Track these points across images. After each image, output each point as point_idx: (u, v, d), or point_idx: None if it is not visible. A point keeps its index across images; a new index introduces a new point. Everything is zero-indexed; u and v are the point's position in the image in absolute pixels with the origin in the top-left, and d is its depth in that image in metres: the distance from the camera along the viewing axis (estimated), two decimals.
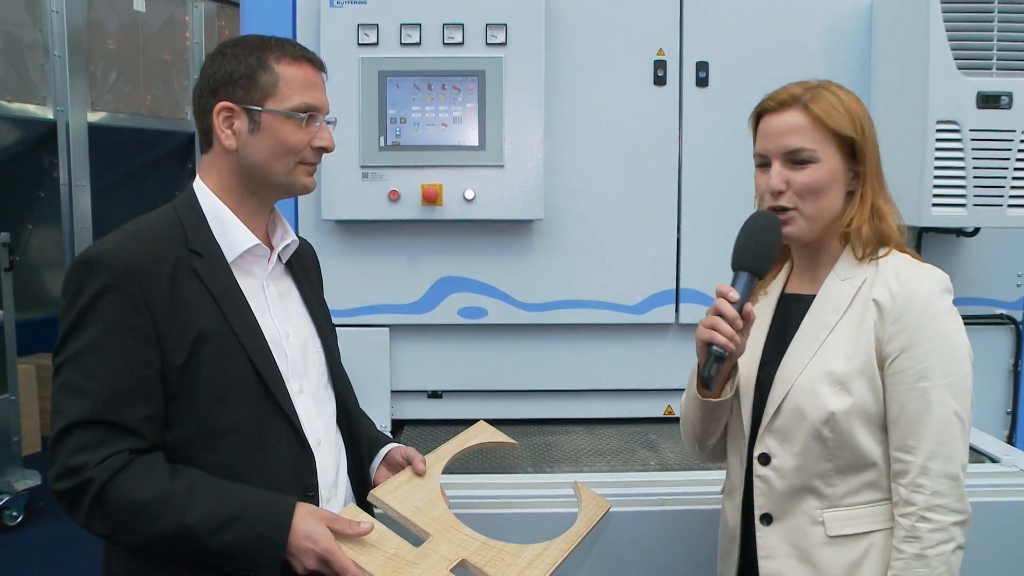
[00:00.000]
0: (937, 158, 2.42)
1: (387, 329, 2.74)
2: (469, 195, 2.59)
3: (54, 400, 1.53)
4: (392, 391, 2.78)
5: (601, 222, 2.72)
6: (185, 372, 1.56)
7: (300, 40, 2.58)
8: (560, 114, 2.70)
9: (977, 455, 2.54)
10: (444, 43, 2.59)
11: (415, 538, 1.68)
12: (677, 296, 2.75)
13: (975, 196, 2.41)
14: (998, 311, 2.76)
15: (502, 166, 2.61)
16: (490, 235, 2.71)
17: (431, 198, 2.57)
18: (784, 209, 1.67)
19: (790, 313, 1.76)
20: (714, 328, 1.63)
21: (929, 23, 2.40)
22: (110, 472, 1.48)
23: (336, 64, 2.55)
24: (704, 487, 2.23)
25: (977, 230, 2.64)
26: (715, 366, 1.66)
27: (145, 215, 1.68)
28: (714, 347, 1.63)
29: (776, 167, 1.67)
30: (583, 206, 2.72)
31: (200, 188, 1.70)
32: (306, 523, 1.53)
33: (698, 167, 2.71)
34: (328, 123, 1.75)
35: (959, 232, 2.65)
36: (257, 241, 1.68)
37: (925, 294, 1.59)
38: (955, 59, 2.40)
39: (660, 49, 2.69)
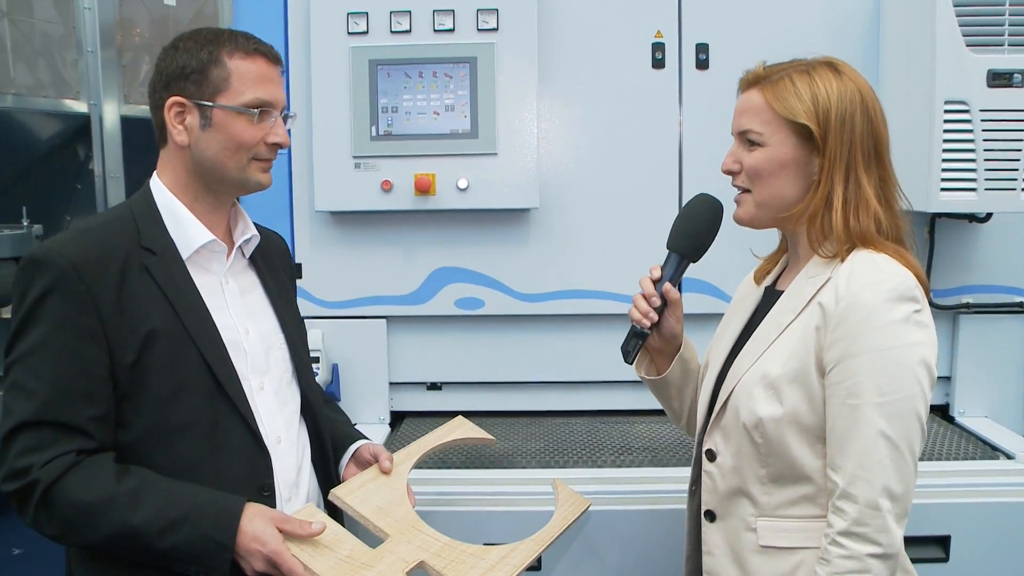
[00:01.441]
0: (945, 140, 2.30)
1: (384, 321, 2.71)
2: (462, 184, 2.54)
3: (3, 400, 1.52)
4: (391, 383, 2.76)
5: (599, 210, 2.65)
6: (135, 371, 1.54)
7: (291, 31, 2.62)
8: (555, 100, 2.64)
9: (991, 451, 2.43)
10: (435, 30, 2.54)
11: (377, 540, 1.65)
12: (681, 286, 2.66)
13: (986, 180, 2.29)
14: (1017, 299, 2.63)
15: (496, 154, 2.55)
16: (485, 225, 2.66)
17: (424, 188, 2.53)
18: (741, 190, 1.63)
19: (767, 309, 1.68)
20: (634, 304, 1.71)
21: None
22: (56, 473, 1.47)
23: (326, 54, 2.55)
24: None
25: (989, 215, 2.51)
26: (633, 341, 1.74)
27: (100, 212, 1.66)
28: (633, 323, 1.71)
29: (732, 147, 1.63)
30: (580, 194, 2.65)
31: (156, 185, 1.68)
32: (254, 524, 1.50)
33: (699, 152, 2.62)
34: (288, 117, 1.72)
35: (971, 218, 2.52)
36: (212, 237, 1.66)
37: (869, 301, 1.45)
38: (963, 35, 2.27)
39: (658, 31, 2.61)
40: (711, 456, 1.66)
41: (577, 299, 2.68)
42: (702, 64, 2.60)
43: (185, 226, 1.65)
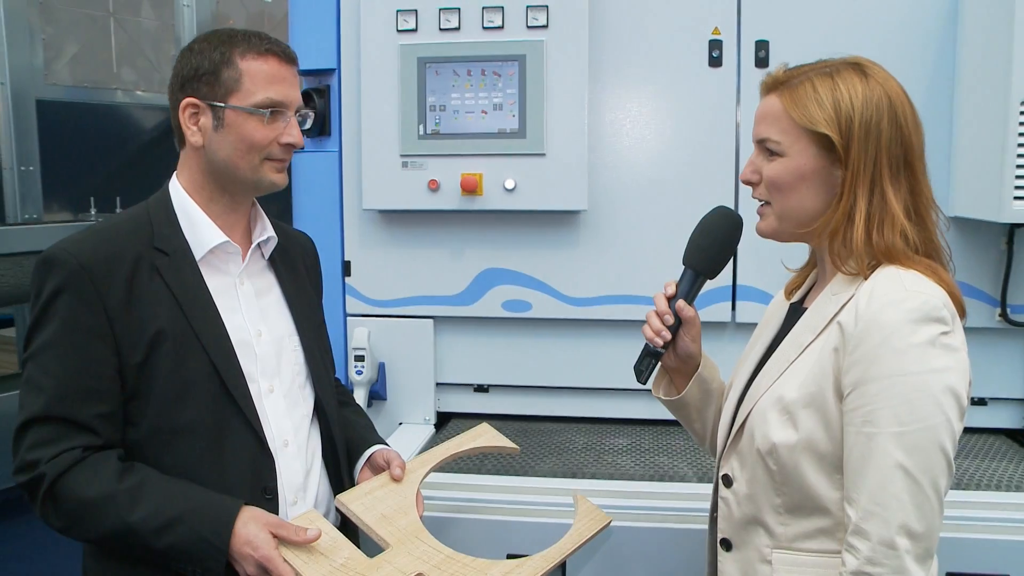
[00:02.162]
0: (1021, 145, 2.12)
1: (431, 321, 2.70)
2: (509, 185, 2.50)
3: (20, 394, 1.57)
4: (437, 383, 2.74)
5: (650, 213, 2.57)
6: (143, 371, 1.56)
7: (343, 28, 2.62)
8: (605, 99, 2.56)
9: None
10: (483, 27, 2.50)
11: (381, 549, 1.62)
12: (734, 293, 2.57)
13: None
14: None
15: (544, 154, 2.50)
16: (533, 226, 2.61)
17: (470, 188, 2.50)
18: (762, 202, 1.53)
19: (791, 326, 1.57)
20: (647, 322, 1.65)
21: None
22: (61, 468, 1.50)
23: (375, 51, 2.55)
24: None
25: None
26: (646, 360, 1.67)
27: (118, 212, 1.69)
28: (647, 342, 1.65)
29: (752, 155, 1.53)
30: (631, 196, 2.57)
31: (173, 186, 1.70)
32: (248, 528, 1.50)
33: None
34: (307, 116, 1.72)
35: None
36: (225, 238, 1.66)
37: (889, 322, 1.33)
38: None
39: (716, 28, 2.50)
40: (727, 482, 1.57)
41: (626, 304, 2.61)
42: (761, 62, 2.48)
43: (199, 227, 1.66)
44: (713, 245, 1.64)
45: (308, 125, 1.73)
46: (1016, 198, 2.14)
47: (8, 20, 4.51)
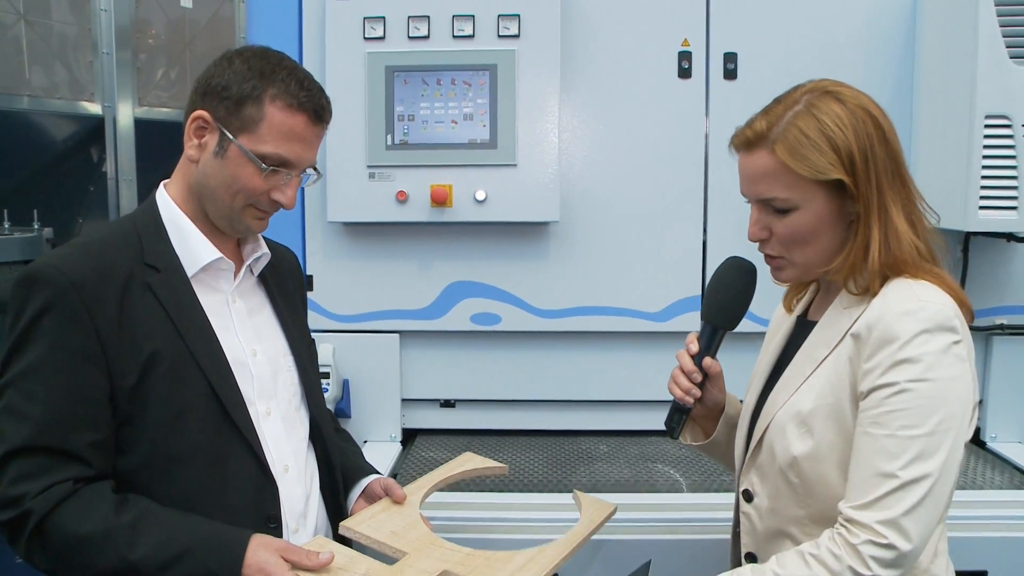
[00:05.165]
0: (985, 156, 2.20)
1: (397, 335, 2.63)
2: (480, 196, 2.46)
3: None
4: (403, 399, 2.68)
5: (621, 224, 2.57)
6: (136, 395, 1.46)
7: (305, 35, 2.54)
8: (577, 109, 2.55)
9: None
10: (454, 36, 2.46)
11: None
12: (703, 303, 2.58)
13: None
14: None
15: (515, 165, 2.47)
16: (503, 238, 2.57)
17: (440, 199, 2.45)
18: (772, 256, 1.50)
19: (799, 341, 1.57)
20: (674, 380, 1.62)
21: (978, 8, 2.17)
22: (51, 503, 1.39)
23: (342, 60, 2.48)
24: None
25: None
26: (677, 416, 1.66)
27: (102, 225, 1.59)
28: (675, 399, 1.63)
29: (754, 214, 1.49)
30: (602, 207, 2.57)
31: (162, 197, 1.60)
32: (258, 555, 1.42)
33: (726, 165, 2.48)
34: (315, 173, 1.64)
35: (1009, 236, 2.42)
36: (219, 255, 1.58)
37: (905, 332, 1.34)
38: (1007, 47, 2.17)
39: (685, 39, 2.52)
40: (748, 497, 1.57)
41: (597, 316, 2.59)
42: (730, 74, 2.51)
43: (191, 242, 1.57)
44: (731, 299, 1.61)
45: (308, 183, 1.66)
46: (981, 207, 2.21)
47: None
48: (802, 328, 1.59)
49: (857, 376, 1.39)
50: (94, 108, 5.55)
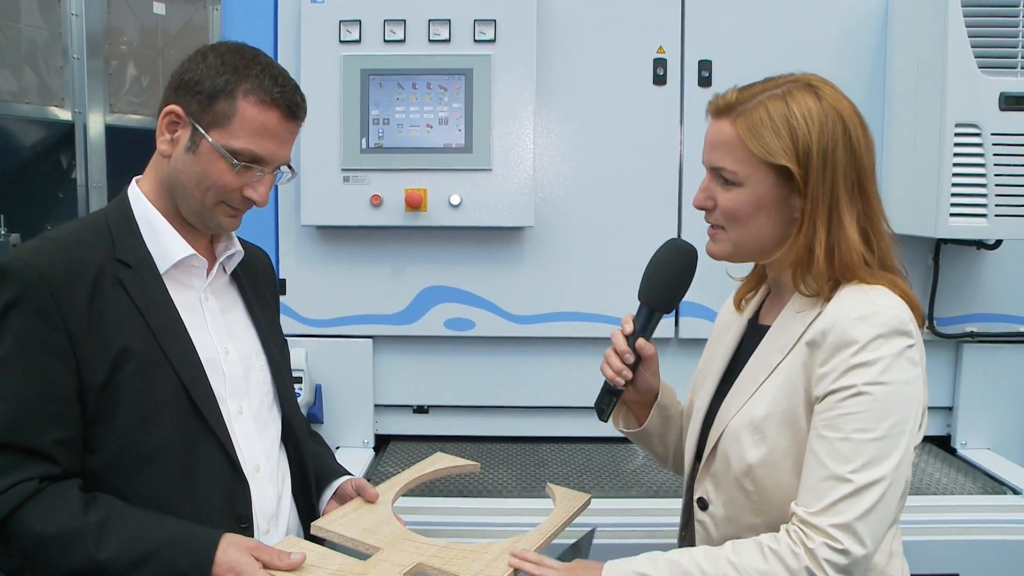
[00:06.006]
0: (956, 164, 2.22)
1: (370, 340, 2.61)
2: (455, 200, 2.45)
3: None
4: (376, 405, 2.66)
5: (596, 230, 2.57)
6: (106, 392, 1.44)
7: (280, 37, 2.52)
8: (552, 115, 2.56)
9: (995, 484, 2.35)
10: (430, 40, 2.46)
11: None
12: (677, 309, 2.58)
13: (997, 206, 2.21)
14: (1022, 329, 2.55)
15: (490, 170, 2.47)
16: (478, 243, 2.57)
17: (415, 203, 2.44)
18: (713, 226, 1.52)
19: (751, 345, 1.56)
20: (606, 361, 1.61)
21: (948, 18, 2.20)
22: (15, 502, 1.36)
23: (317, 62, 2.47)
24: None
25: (999, 242, 2.44)
26: (607, 398, 1.65)
27: (73, 220, 1.57)
28: (606, 380, 1.62)
29: (704, 181, 1.50)
30: (577, 213, 2.57)
31: (134, 193, 1.58)
32: (229, 555, 1.40)
33: (700, 171, 2.50)
34: (289, 171, 1.63)
35: (979, 244, 2.45)
36: (191, 251, 1.56)
37: (860, 336, 1.34)
38: (976, 56, 2.20)
39: (660, 46, 2.54)
40: (703, 505, 1.56)
41: (572, 321, 2.59)
42: (705, 81, 2.53)
43: (163, 238, 1.55)
44: (669, 280, 1.61)
45: (283, 181, 1.65)
46: (952, 215, 2.24)
47: None
48: (753, 331, 1.59)
49: (811, 381, 1.39)
50: (64, 114, 5.49)
